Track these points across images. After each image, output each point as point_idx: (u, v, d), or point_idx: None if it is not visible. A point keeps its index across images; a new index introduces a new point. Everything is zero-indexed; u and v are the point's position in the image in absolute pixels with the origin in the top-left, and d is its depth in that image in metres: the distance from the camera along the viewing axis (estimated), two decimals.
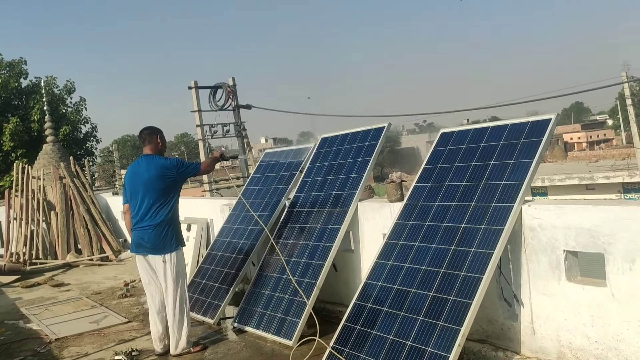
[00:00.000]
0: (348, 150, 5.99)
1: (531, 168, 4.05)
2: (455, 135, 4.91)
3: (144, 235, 4.95)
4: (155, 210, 4.94)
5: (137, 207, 5.02)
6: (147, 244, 4.95)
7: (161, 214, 4.95)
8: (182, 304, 5.01)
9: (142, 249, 5.00)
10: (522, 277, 4.03)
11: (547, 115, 4.26)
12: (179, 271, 5.01)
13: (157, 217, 4.93)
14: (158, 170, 4.98)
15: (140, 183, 5.00)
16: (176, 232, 5.09)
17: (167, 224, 4.97)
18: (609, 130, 78.54)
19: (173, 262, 4.96)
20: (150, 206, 4.95)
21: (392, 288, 4.40)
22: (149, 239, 4.93)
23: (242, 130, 17.69)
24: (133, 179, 5.09)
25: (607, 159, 33.21)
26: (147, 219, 4.95)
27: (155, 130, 5.23)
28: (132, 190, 5.08)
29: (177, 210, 5.15)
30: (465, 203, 4.33)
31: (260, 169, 7.41)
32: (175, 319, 4.95)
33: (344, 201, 5.55)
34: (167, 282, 4.94)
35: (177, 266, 4.99)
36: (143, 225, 4.97)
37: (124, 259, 10.88)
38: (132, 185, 5.09)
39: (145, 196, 4.97)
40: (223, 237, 6.93)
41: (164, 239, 4.94)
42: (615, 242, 3.42)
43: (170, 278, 4.94)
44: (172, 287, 4.94)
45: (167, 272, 4.93)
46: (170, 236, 4.99)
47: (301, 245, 5.67)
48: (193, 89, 16.84)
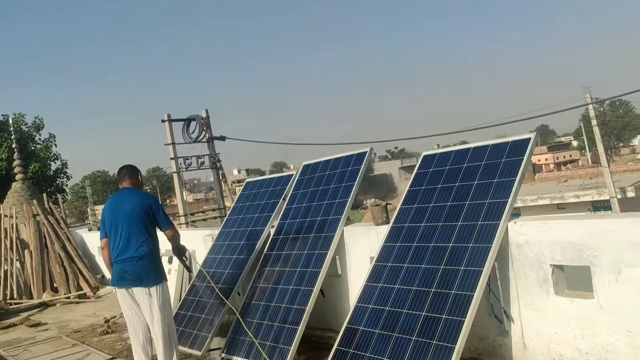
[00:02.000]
0: (331, 176, 6.05)
1: (514, 186, 4.17)
2: (438, 157, 5.03)
3: (127, 267, 4.84)
4: (139, 242, 4.85)
5: (119, 240, 4.90)
6: (130, 277, 4.84)
7: (145, 246, 4.85)
8: (171, 336, 4.92)
9: (125, 282, 4.88)
10: (511, 293, 4.10)
11: (526, 135, 4.41)
12: (165, 302, 4.92)
13: (140, 249, 4.83)
14: (141, 202, 4.92)
15: (122, 215, 4.92)
16: (160, 265, 5.01)
17: (150, 256, 4.88)
18: (574, 151, 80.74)
19: (159, 294, 4.87)
20: (133, 238, 4.85)
21: (384, 310, 4.42)
22: (133, 271, 4.82)
23: (216, 162, 17.67)
24: (113, 212, 5.00)
25: (575, 179, 34.07)
26: (130, 251, 4.84)
27: (135, 168, 5.25)
28: (113, 223, 4.97)
29: (158, 244, 5.08)
30: (452, 223, 4.41)
31: (242, 198, 7.41)
32: (165, 352, 4.86)
33: (330, 226, 5.58)
34: (153, 314, 4.84)
35: (163, 298, 4.90)
36: (126, 257, 4.85)
37: (102, 295, 10.63)
38: (113, 218, 4.99)
39: (128, 228, 4.87)
40: (207, 267, 6.86)
41: (149, 271, 4.84)
42: (601, 254, 3.53)
43: (157, 310, 4.84)
44: (159, 318, 4.84)
45: (153, 305, 4.83)
46: (155, 269, 4.90)
47: (288, 272, 5.67)
48: (166, 122, 16.80)
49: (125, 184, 5.09)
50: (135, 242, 4.84)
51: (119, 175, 5.18)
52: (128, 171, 5.15)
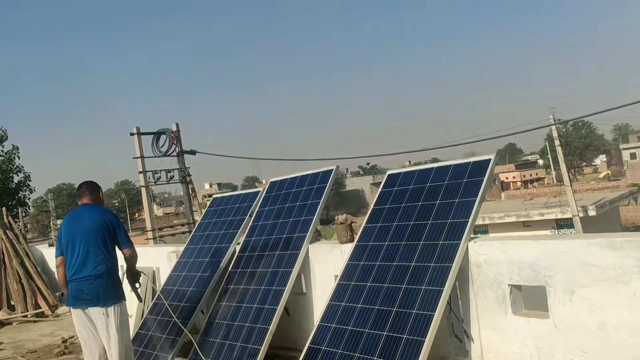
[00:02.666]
0: (297, 193, 6.06)
1: (475, 206, 4.25)
2: (402, 176, 5.09)
3: (83, 286, 4.68)
4: (97, 260, 4.70)
5: (76, 258, 4.74)
6: (86, 296, 4.68)
7: (103, 265, 4.70)
8: (129, 358, 4.80)
9: (81, 302, 4.72)
10: (471, 313, 4.15)
11: (487, 156, 4.50)
12: (123, 323, 4.78)
13: (98, 267, 4.68)
14: (101, 219, 4.79)
15: (81, 232, 4.77)
16: (118, 284, 4.86)
17: (109, 275, 4.73)
18: (540, 169, 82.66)
19: (117, 314, 4.72)
20: (91, 256, 4.70)
21: (346, 329, 4.42)
22: (90, 290, 4.66)
23: (186, 176, 17.50)
24: (71, 229, 4.85)
25: (541, 196, 34.82)
26: (87, 269, 4.69)
27: (96, 185, 5.12)
28: (70, 241, 4.81)
29: (117, 262, 4.93)
30: (414, 242, 4.46)
31: (208, 214, 7.35)
32: None
33: (295, 244, 5.57)
34: (110, 335, 4.69)
35: (121, 318, 4.76)
36: (83, 276, 4.69)
37: (61, 314, 10.33)
38: (70, 235, 4.83)
39: (86, 246, 4.72)
40: (170, 285, 6.76)
41: (106, 290, 4.69)
42: (555, 274, 3.61)
43: (114, 330, 4.69)
44: (115, 340, 4.69)
45: (110, 325, 4.69)
46: (113, 288, 4.75)
47: (252, 290, 5.62)
48: (135, 135, 16.59)
49: (85, 200, 4.96)
50: (93, 260, 4.70)
51: (78, 191, 5.06)
52: (88, 187, 5.03)
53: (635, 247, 3.26)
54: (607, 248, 3.38)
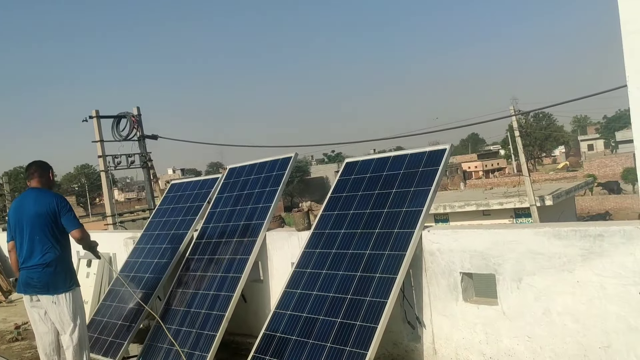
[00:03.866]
0: (256, 180, 6.02)
1: (429, 195, 4.30)
2: (360, 164, 5.11)
3: (32, 274, 4.58)
4: (44, 248, 4.58)
5: (25, 245, 4.63)
6: (37, 284, 4.58)
7: (51, 253, 4.58)
8: (81, 345, 4.70)
9: (32, 289, 4.62)
10: (424, 300, 4.22)
11: (443, 146, 4.56)
12: (76, 309, 4.69)
13: (46, 255, 4.57)
14: (47, 205, 4.62)
15: (27, 219, 4.62)
16: (69, 270, 4.75)
17: (58, 263, 4.61)
18: (501, 159, 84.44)
19: (69, 302, 4.62)
20: (38, 244, 4.58)
21: (301, 316, 4.44)
22: (39, 279, 4.56)
23: (147, 161, 17.20)
24: (18, 215, 4.70)
25: (501, 186, 35.62)
26: (35, 258, 4.58)
27: (46, 165, 4.90)
28: (17, 227, 4.69)
29: (69, 248, 4.81)
30: (369, 230, 4.49)
31: (166, 200, 7.24)
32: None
33: (253, 231, 5.55)
34: (63, 322, 4.61)
35: (74, 305, 4.66)
36: (32, 264, 4.59)
37: (15, 300, 10.08)
38: (17, 221, 4.69)
39: (33, 233, 4.59)
40: (127, 271, 6.65)
41: (56, 279, 4.59)
42: (504, 262, 3.70)
43: (68, 318, 4.61)
44: (70, 327, 4.61)
45: (63, 312, 4.60)
46: (63, 275, 4.64)
47: (209, 277, 5.58)
48: (94, 119, 16.19)
49: (34, 183, 4.78)
50: (40, 249, 4.58)
51: (27, 172, 4.86)
52: (38, 168, 4.82)
53: (580, 236, 3.36)
54: (554, 237, 3.48)
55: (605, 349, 3.29)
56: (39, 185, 4.79)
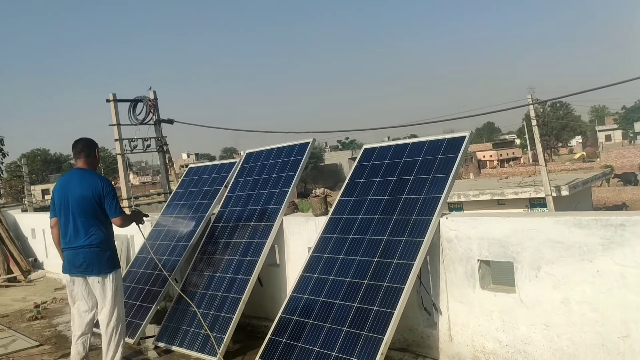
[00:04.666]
0: (273, 165, 6.04)
1: (448, 182, 4.29)
2: (378, 151, 5.11)
3: (78, 255, 4.69)
4: (90, 229, 4.69)
5: (70, 226, 4.72)
6: (82, 264, 4.70)
7: (97, 234, 4.70)
8: (119, 323, 4.82)
9: (77, 269, 4.74)
10: (440, 286, 4.23)
11: (462, 133, 4.53)
12: (117, 290, 4.82)
13: (92, 237, 4.68)
14: (93, 189, 4.70)
15: (72, 200, 4.71)
16: (113, 251, 4.87)
17: (103, 244, 4.73)
18: (517, 149, 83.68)
19: (112, 282, 4.76)
20: (84, 226, 4.68)
21: (318, 300, 4.48)
22: (85, 259, 4.68)
23: (163, 145, 17.30)
24: (63, 195, 4.78)
25: (516, 175, 35.33)
26: (80, 239, 4.68)
27: (93, 143, 4.96)
28: (63, 207, 4.77)
29: (112, 229, 4.90)
30: (387, 216, 4.50)
31: (184, 184, 7.30)
32: (113, 338, 4.76)
33: (270, 216, 5.58)
34: (105, 301, 4.73)
35: (116, 285, 4.80)
36: (77, 245, 4.69)
37: (34, 279, 10.27)
38: (62, 201, 4.78)
39: (78, 215, 4.69)
40: (144, 253, 6.74)
41: (101, 259, 4.71)
42: (523, 251, 3.69)
43: (110, 298, 4.74)
44: (110, 306, 4.74)
45: (105, 292, 4.73)
46: (108, 256, 4.76)
47: (226, 260, 5.64)
48: (112, 102, 16.29)
49: (80, 164, 4.87)
50: (86, 230, 4.69)
51: (74, 151, 4.91)
52: (85, 147, 4.89)
53: (601, 225, 3.34)
54: (574, 226, 3.46)
55: (624, 338, 3.28)
56: (85, 166, 4.87)
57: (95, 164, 4.99)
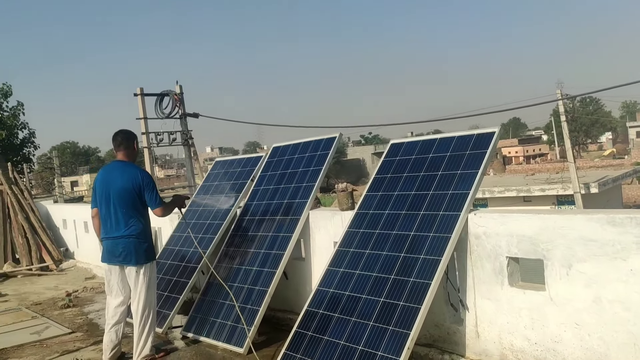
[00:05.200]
0: (300, 160, 6.06)
1: (477, 178, 4.25)
2: (405, 146, 5.08)
3: (118, 245, 4.84)
4: (130, 221, 4.84)
5: (111, 216, 4.87)
6: (122, 254, 4.85)
7: (136, 225, 4.85)
8: (150, 313, 4.95)
9: (116, 259, 4.88)
10: (468, 283, 4.20)
11: (491, 129, 4.48)
12: (152, 280, 4.97)
13: (131, 228, 4.83)
14: (134, 181, 4.84)
15: (114, 191, 4.86)
16: (151, 242, 5.02)
17: (142, 235, 4.88)
18: (544, 145, 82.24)
19: (147, 273, 4.91)
20: (125, 216, 4.84)
21: (344, 294, 4.49)
22: (125, 249, 4.82)
23: (188, 139, 17.49)
24: (105, 186, 4.93)
25: (543, 172, 34.77)
26: (120, 229, 4.83)
27: (132, 135, 5.12)
28: (104, 198, 4.91)
29: (150, 221, 5.05)
30: (414, 212, 4.48)
31: (210, 177, 7.38)
32: (144, 327, 4.91)
33: (296, 210, 5.61)
34: (139, 291, 4.88)
35: (150, 275, 4.95)
36: (117, 235, 4.84)
37: (65, 268, 10.51)
38: (104, 192, 4.92)
39: (119, 206, 4.84)
40: (172, 245, 6.84)
41: (139, 249, 4.85)
42: (554, 248, 3.64)
43: (144, 288, 4.88)
44: (144, 296, 4.89)
45: (140, 283, 4.87)
46: (146, 246, 4.91)
47: (252, 253, 5.69)
48: (139, 96, 16.52)
49: (120, 156, 5.03)
50: (126, 221, 4.84)
51: (114, 143, 5.06)
52: (124, 139, 5.03)
53: (636, 224, 3.27)
54: (608, 224, 3.39)
55: None
56: (125, 158, 5.03)
57: (135, 155, 5.13)
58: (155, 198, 4.90)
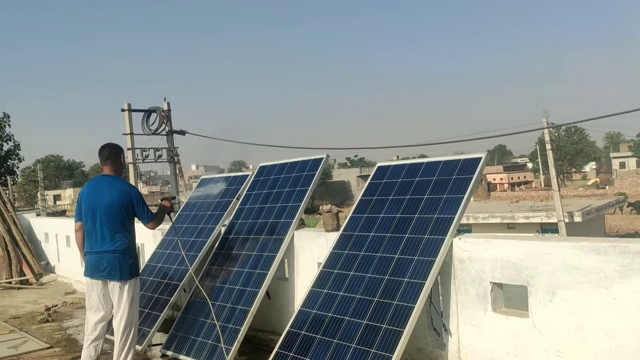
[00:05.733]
0: (286, 179, 6.05)
1: (462, 203, 4.27)
2: (392, 169, 5.10)
3: (102, 259, 4.76)
4: (117, 235, 4.76)
5: (97, 231, 4.79)
6: (106, 269, 4.76)
7: (122, 240, 4.77)
8: (131, 330, 4.86)
9: (99, 274, 4.79)
10: (451, 308, 4.19)
11: (478, 154, 4.52)
12: (134, 297, 4.88)
13: (117, 243, 4.75)
14: (122, 197, 4.79)
15: (100, 206, 4.78)
16: (136, 258, 4.95)
17: (127, 250, 4.81)
18: (528, 172, 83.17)
19: (130, 289, 4.82)
20: (111, 231, 4.76)
21: (327, 316, 4.45)
22: (109, 263, 4.74)
23: (174, 156, 17.43)
24: (91, 200, 4.85)
25: (527, 200, 35.06)
26: (106, 244, 4.75)
27: (119, 149, 5.07)
28: (89, 212, 4.83)
29: (135, 236, 4.99)
30: (399, 234, 4.48)
31: (196, 194, 7.33)
32: (125, 344, 4.81)
33: (281, 229, 5.58)
34: (122, 307, 4.78)
35: (133, 291, 4.86)
36: (102, 250, 4.76)
37: (45, 282, 10.32)
38: (90, 206, 4.84)
39: (105, 221, 4.76)
40: (154, 262, 6.76)
41: (124, 265, 4.77)
42: (538, 275, 3.64)
43: (127, 304, 4.79)
44: (126, 312, 4.79)
45: (124, 298, 4.78)
46: (130, 263, 4.83)
47: (236, 272, 5.63)
48: (126, 112, 16.48)
49: (107, 170, 4.96)
50: (112, 236, 4.76)
51: (101, 157, 4.99)
52: (111, 154, 4.97)
53: (619, 252, 3.30)
54: (592, 252, 3.41)
55: None
56: (112, 172, 4.96)
57: (121, 169, 5.09)
58: (147, 212, 4.87)
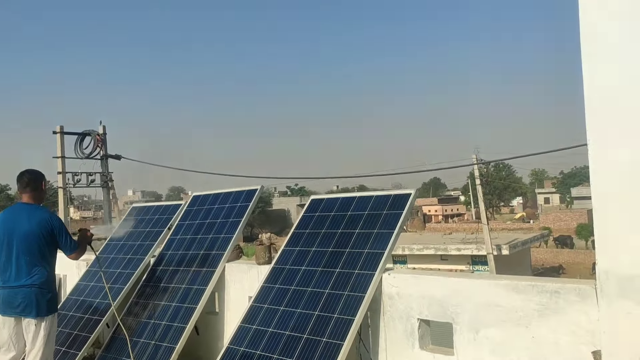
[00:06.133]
0: (219, 210, 5.95)
1: (392, 238, 4.32)
2: (325, 202, 5.12)
3: (17, 294, 4.37)
4: (34, 269, 4.40)
5: (12, 264, 4.41)
6: (20, 305, 4.38)
7: (40, 274, 4.41)
8: None
9: (13, 310, 4.40)
10: (380, 344, 4.19)
11: (408, 190, 4.62)
12: (50, 334, 4.49)
13: (35, 277, 4.39)
14: (42, 226, 4.44)
15: (17, 236, 4.42)
16: (54, 293, 4.58)
17: (45, 284, 4.44)
18: (461, 205, 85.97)
19: (47, 327, 4.43)
20: (28, 264, 4.39)
21: (255, 354, 4.34)
22: (25, 299, 4.36)
23: (108, 181, 16.85)
24: (7, 230, 4.47)
25: (460, 232, 36.14)
26: (22, 278, 4.38)
27: (39, 175, 4.70)
28: (4, 243, 4.46)
29: (54, 269, 4.63)
30: (330, 269, 4.47)
31: (125, 223, 7.06)
32: None
33: (212, 261, 5.45)
34: (37, 347, 4.39)
35: (50, 329, 4.48)
36: (18, 284, 4.38)
37: None
38: (5, 237, 4.46)
39: (22, 253, 4.39)
40: (77, 295, 6.41)
41: (40, 301, 4.40)
42: (462, 312, 3.72)
43: (42, 343, 4.39)
44: (41, 352, 4.39)
45: (39, 337, 4.39)
46: (48, 298, 4.46)
47: (163, 306, 5.43)
48: (58, 134, 15.84)
49: (26, 198, 4.58)
50: (29, 269, 4.38)
51: (19, 184, 4.62)
52: (31, 180, 4.60)
53: (537, 291, 3.42)
54: (512, 290, 3.52)
55: None
56: (32, 201, 4.59)
57: (42, 197, 4.71)
58: (70, 242, 4.55)
